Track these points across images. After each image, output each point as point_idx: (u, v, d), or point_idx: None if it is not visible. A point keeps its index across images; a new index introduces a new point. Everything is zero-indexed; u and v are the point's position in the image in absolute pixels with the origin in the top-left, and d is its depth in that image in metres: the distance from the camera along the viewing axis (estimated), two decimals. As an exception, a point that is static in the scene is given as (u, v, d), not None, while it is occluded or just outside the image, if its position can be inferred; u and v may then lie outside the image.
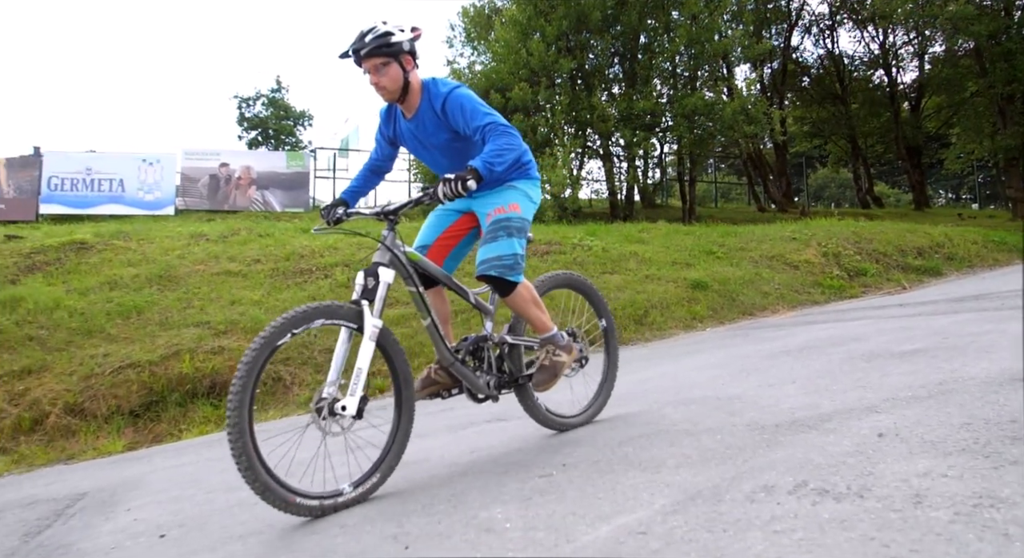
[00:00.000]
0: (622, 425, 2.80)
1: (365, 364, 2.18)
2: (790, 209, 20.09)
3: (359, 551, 1.70)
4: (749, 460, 1.98)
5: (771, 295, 8.99)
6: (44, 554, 2.27)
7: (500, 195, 2.69)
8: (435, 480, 2.38)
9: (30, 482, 4.38)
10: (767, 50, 17.71)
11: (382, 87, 2.48)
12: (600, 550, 1.44)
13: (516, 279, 2.60)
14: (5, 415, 6.34)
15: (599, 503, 1.78)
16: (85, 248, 10.41)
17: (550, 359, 2.72)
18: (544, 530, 1.63)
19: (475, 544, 1.60)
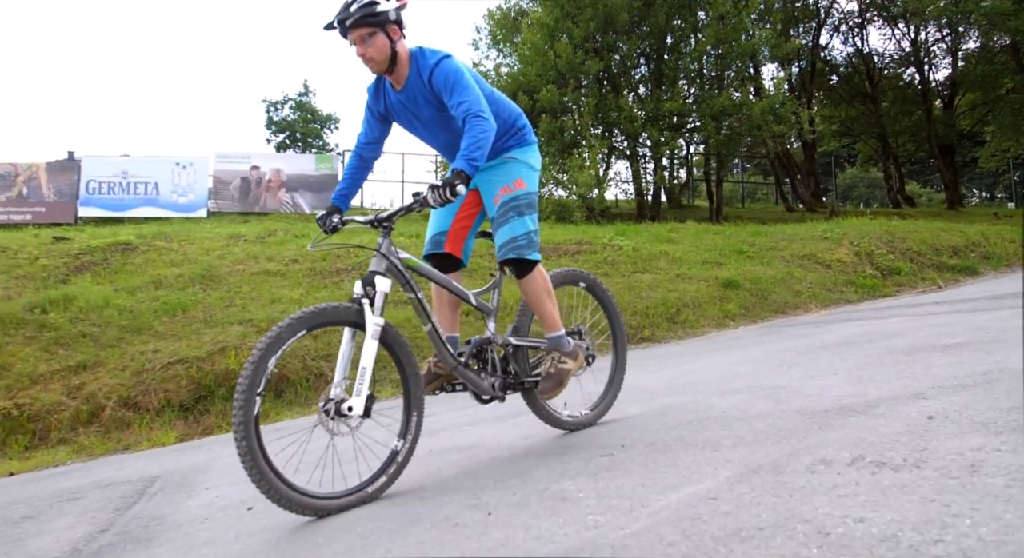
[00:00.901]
0: (671, 413, 2.91)
1: (369, 363, 2.18)
2: (819, 209, 19.92)
3: (444, 517, 1.84)
4: (803, 439, 2.08)
5: (803, 294, 9.00)
6: (141, 524, 2.45)
7: (502, 172, 2.67)
8: (497, 461, 2.52)
9: (98, 468, 4.61)
10: (795, 49, 17.62)
11: (369, 58, 2.43)
12: (674, 514, 1.56)
13: (534, 257, 2.61)
14: (64, 408, 6.63)
15: (665, 476, 1.90)
16: (129, 249, 10.77)
17: (556, 367, 2.69)
18: (617, 499, 1.75)
19: (554, 511, 1.73)
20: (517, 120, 2.72)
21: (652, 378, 4.27)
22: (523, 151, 2.72)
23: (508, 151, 2.69)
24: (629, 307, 8.27)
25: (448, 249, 2.73)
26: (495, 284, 2.81)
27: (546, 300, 2.68)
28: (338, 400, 2.15)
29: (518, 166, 2.68)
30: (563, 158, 14.58)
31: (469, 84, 2.40)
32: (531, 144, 2.77)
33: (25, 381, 6.98)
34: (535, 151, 2.79)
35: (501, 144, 2.66)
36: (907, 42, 23.41)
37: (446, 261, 2.74)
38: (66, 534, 2.50)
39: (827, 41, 23.54)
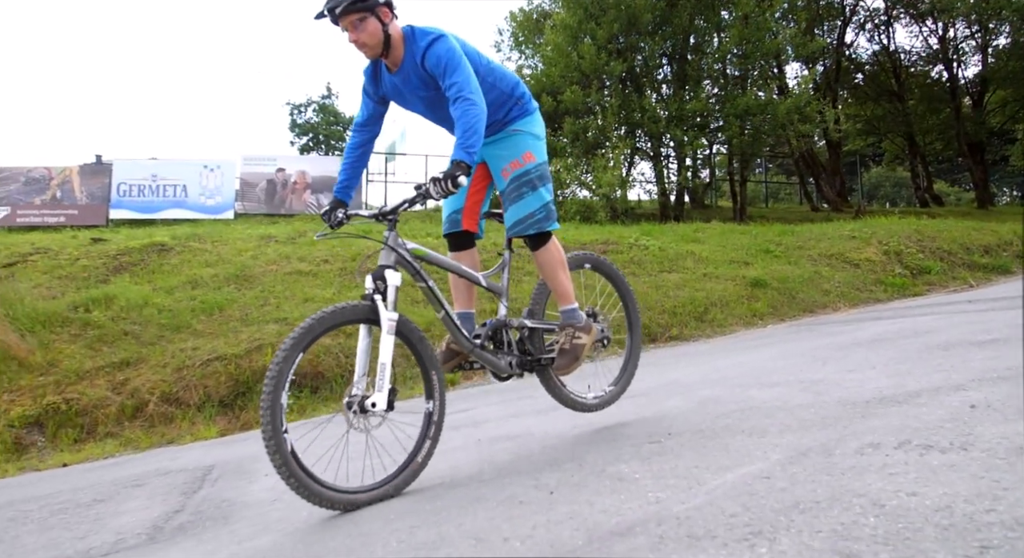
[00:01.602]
0: (711, 404, 2.99)
1: (388, 358, 2.20)
2: (844, 209, 19.77)
3: (508, 496, 1.95)
4: (848, 426, 2.17)
5: (832, 293, 9.00)
6: (212, 505, 2.60)
7: (508, 146, 2.66)
8: (548, 448, 2.62)
9: (150, 459, 4.79)
10: (820, 48, 17.51)
11: (362, 44, 2.41)
12: (731, 491, 1.66)
13: (553, 227, 2.64)
14: (110, 403, 6.86)
15: (716, 458, 2.00)
16: (165, 250, 11.04)
17: (570, 342, 2.70)
18: (673, 478, 1.85)
19: (614, 489, 1.84)
20: (515, 89, 2.69)
21: (687, 373, 4.35)
22: (526, 121, 2.71)
23: (512, 123, 2.68)
24: (657, 306, 8.33)
25: (465, 226, 2.75)
26: (503, 264, 2.82)
27: (560, 272, 2.70)
28: (361, 397, 2.18)
29: (524, 138, 2.67)
30: (587, 159, 14.66)
31: (461, 65, 2.38)
32: (532, 112, 2.76)
33: (72, 377, 7.23)
34: (537, 118, 2.77)
35: (503, 116, 2.65)
36: (935, 39, 23.12)
37: (464, 237, 2.78)
38: (142, 514, 2.65)
39: (852, 39, 23.35)
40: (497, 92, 2.61)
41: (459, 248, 2.79)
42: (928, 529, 1.25)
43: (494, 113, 2.61)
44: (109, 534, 2.38)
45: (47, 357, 7.58)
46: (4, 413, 6.71)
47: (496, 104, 2.61)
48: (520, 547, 1.50)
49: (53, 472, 5.49)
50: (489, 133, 2.62)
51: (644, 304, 8.43)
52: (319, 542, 1.84)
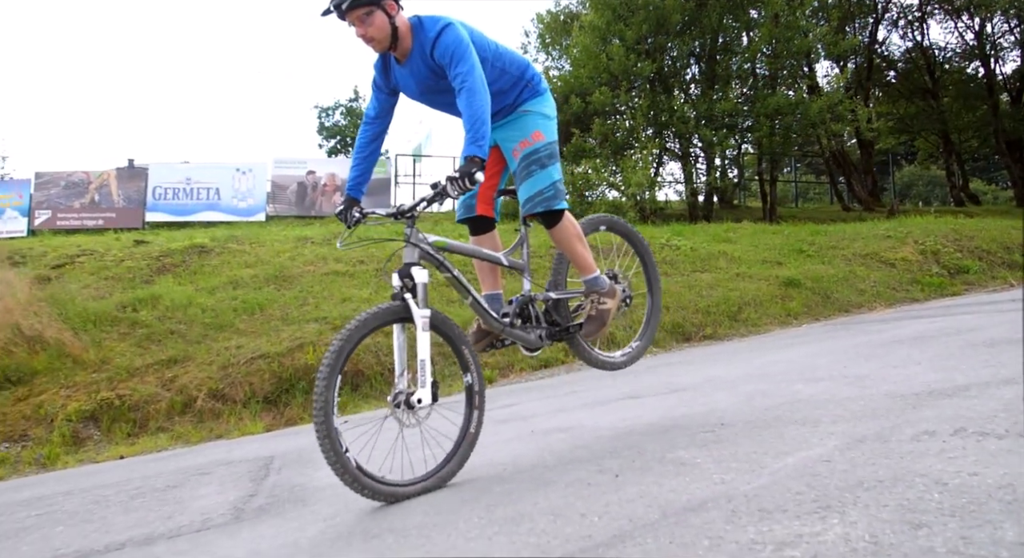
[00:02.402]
0: (759, 398, 3.07)
1: (426, 354, 2.25)
2: (877, 208, 19.52)
3: (575, 479, 2.06)
4: (900, 416, 2.24)
5: (867, 293, 8.95)
6: (285, 489, 2.75)
7: (518, 126, 2.68)
8: (602, 438, 2.73)
9: (206, 451, 4.99)
10: (853, 46, 17.34)
11: (370, 38, 2.41)
12: (794, 472, 1.75)
13: (561, 206, 2.65)
14: (160, 399, 7.11)
15: (774, 445, 2.08)
16: (205, 251, 11.35)
17: (596, 308, 2.75)
18: (735, 462, 1.95)
19: (677, 472, 1.93)
20: (525, 72, 2.70)
21: (728, 370, 4.42)
22: (536, 102, 2.71)
23: (522, 104, 2.69)
24: (690, 306, 8.38)
25: (480, 211, 2.79)
26: (521, 240, 2.84)
27: (578, 245, 2.73)
28: (406, 393, 2.23)
29: (533, 118, 2.68)
30: (616, 160, 14.71)
31: (467, 54, 2.37)
32: (542, 93, 2.75)
33: (123, 374, 7.51)
34: (548, 99, 2.77)
35: (514, 99, 2.67)
36: (971, 35, 22.71)
37: (481, 222, 2.82)
38: (218, 498, 2.81)
39: (884, 36, 23.04)
40: (507, 76, 2.63)
41: (478, 232, 2.83)
42: (992, 503, 1.33)
43: (505, 97, 2.64)
44: (194, 514, 2.54)
45: (99, 355, 7.88)
46: (62, 408, 7.00)
47: (506, 88, 2.63)
48: (598, 522, 1.60)
49: (111, 464, 5.73)
50: (500, 117, 2.66)
51: (677, 303, 8.48)
52: (400, 519, 1.97)
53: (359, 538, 1.83)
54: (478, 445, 2.47)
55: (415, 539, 1.71)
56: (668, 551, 1.34)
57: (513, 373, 7.16)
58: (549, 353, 7.26)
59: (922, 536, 1.22)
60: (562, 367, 7.11)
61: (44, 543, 2.50)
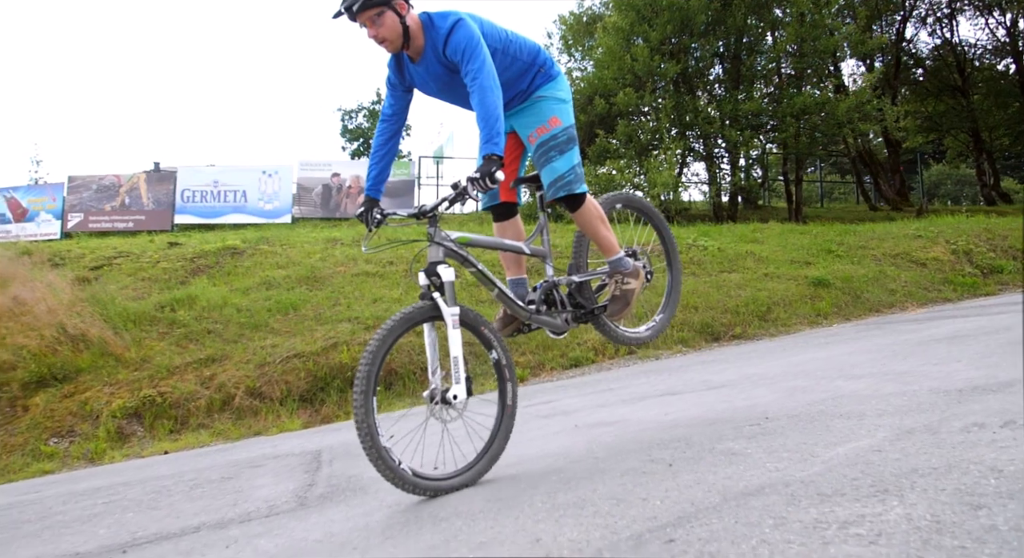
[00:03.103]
0: (799, 394, 3.12)
1: (458, 351, 2.28)
2: (904, 207, 19.29)
3: (628, 468, 2.14)
4: (947, 410, 2.28)
5: (898, 293, 8.89)
6: (342, 479, 2.86)
7: (534, 113, 2.69)
8: (648, 431, 2.80)
9: (249, 447, 5.13)
10: (881, 44, 17.16)
11: (382, 39, 2.43)
12: (847, 460, 1.81)
13: (582, 190, 2.69)
14: (200, 396, 7.31)
15: (822, 436, 2.14)
16: (238, 253, 11.59)
17: (620, 289, 2.79)
18: (786, 452, 2.01)
19: (730, 462, 2.01)
20: (537, 57, 2.69)
21: (765, 367, 4.46)
22: (550, 86, 2.71)
23: (536, 90, 2.69)
24: (719, 306, 8.40)
25: (504, 198, 2.83)
26: (540, 227, 2.87)
27: (601, 227, 2.77)
28: (442, 390, 2.28)
29: (549, 103, 2.69)
30: (640, 160, 14.73)
31: (478, 50, 2.37)
32: (556, 76, 2.75)
33: (164, 372, 7.72)
34: (561, 81, 2.78)
35: (528, 85, 2.68)
36: (1003, 31, 22.34)
37: (504, 208, 2.85)
38: (277, 488, 2.93)
39: (912, 34, 22.75)
40: (520, 63, 2.63)
41: (502, 219, 2.87)
42: (1049, 488, 1.39)
43: (518, 83, 2.65)
44: (259, 502, 2.66)
45: (140, 353, 8.11)
46: (106, 405, 7.23)
47: (519, 75, 2.64)
48: (660, 505, 1.68)
49: (158, 458, 5.91)
50: (516, 103, 2.68)
51: (706, 303, 8.50)
52: (464, 504, 2.06)
53: (428, 522, 1.93)
54: (527, 438, 2.56)
55: (483, 522, 1.80)
56: (735, 530, 1.41)
57: (544, 372, 7.24)
58: (580, 352, 7.34)
59: (983, 515, 1.28)
60: (592, 366, 7.18)
61: (120, 527, 2.64)
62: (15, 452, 6.88)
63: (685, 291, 8.77)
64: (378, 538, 1.85)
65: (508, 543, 1.58)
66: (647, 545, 1.41)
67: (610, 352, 7.46)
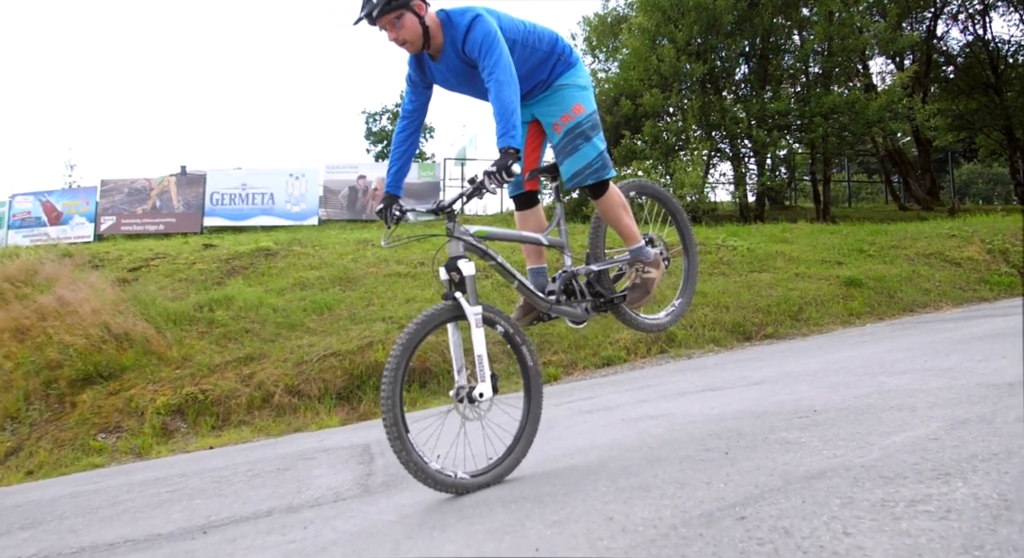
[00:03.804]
0: (844, 388, 3.16)
1: (482, 349, 2.30)
2: (935, 207, 19.02)
3: (684, 456, 2.22)
4: (999, 402, 2.32)
5: (932, 292, 8.82)
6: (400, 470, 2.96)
7: (557, 101, 2.69)
8: (696, 424, 2.86)
9: (294, 442, 5.27)
10: (913, 42, 16.95)
11: (403, 41, 2.45)
12: (903, 448, 1.87)
13: (610, 175, 2.71)
14: (240, 394, 7.50)
15: (875, 427, 2.20)
16: (271, 254, 11.82)
17: (641, 277, 2.80)
18: (842, 441, 2.08)
19: (786, 449, 2.07)
20: (556, 45, 2.70)
21: (804, 365, 4.49)
22: (570, 74, 2.71)
23: (557, 78, 2.69)
24: (750, 305, 8.40)
25: (528, 187, 2.87)
26: (557, 218, 2.88)
27: (623, 214, 2.78)
28: (468, 388, 2.30)
29: (571, 91, 2.69)
30: (666, 161, 14.74)
31: (495, 46, 2.38)
32: (575, 64, 2.75)
33: (205, 370, 7.94)
34: (581, 69, 2.78)
35: (548, 74, 2.68)
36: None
37: (528, 197, 2.89)
38: (337, 477, 3.05)
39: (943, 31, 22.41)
40: (539, 53, 2.64)
41: (524, 207, 2.91)
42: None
43: (538, 73, 2.66)
44: (323, 489, 2.78)
45: (181, 352, 8.34)
46: (151, 402, 7.46)
47: (539, 65, 2.65)
48: (724, 488, 1.76)
49: (203, 453, 6.10)
50: (537, 92, 2.68)
51: (736, 303, 8.51)
52: (531, 487, 2.15)
53: (498, 504, 2.02)
54: (575, 431, 2.64)
55: (552, 504, 1.89)
56: (803, 508, 1.49)
57: (576, 371, 7.31)
58: (612, 351, 7.40)
59: (1049, 494, 1.34)
60: (624, 364, 7.24)
61: (192, 512, 2.77)
62: (65, 447, 7.13)
63: (716, 291, 8.79)
64: (453, 518, 1.95)
65: (582, 521, 1.66)
66: (719, 522, 1.49)
67: (642, 351, 7.52)
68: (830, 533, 1.31)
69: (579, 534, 1.57)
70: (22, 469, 6.85)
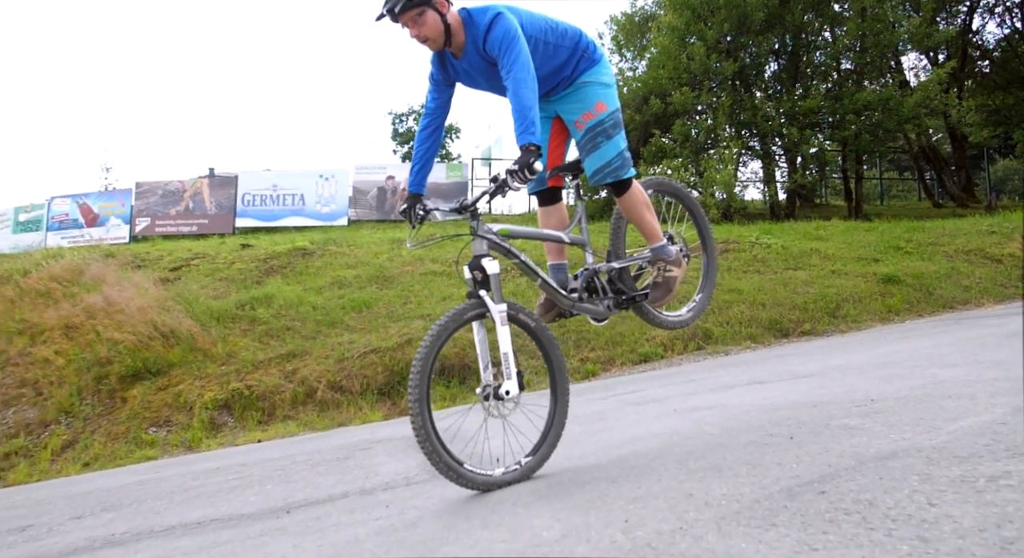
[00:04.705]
0: (897, 380, 3.20)
1: (508, 347, 2.32)
2: (971, 204, 18.68)
3: (749, 441, 2.29)
4: (1060, 391, 2.36)
5: (972, 289, 8.72)
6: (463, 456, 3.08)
7: (580, 98, 2.69)
8: (749, 413, 2.92)
9: (342, 435, 5.42)
10: (948, 37, 16.69)
11: (425, 38, 2.46)
12: (971, 432, 1.93)
13: (630, 174, 2.71)
14: (284, 389, 7.70)
15: (938, 414, 2.25)
16: (308, 254, 12.06)
17: (663, 275, 2.80)
18: (907, 425, 2.13)
19: (851, 434, 2.13)
20: (579, 42, 2.69)
21: (848, 359, 4.51)
22: (593, 71, 2.71)
23: (580, 75, 2.69)
24: (787, 302, 8.39)
25: (551, 184, 2.87)
26: (578, 216, 2.88)
27: (645, 212, 2.78)
28: (494, 386, 2.32)
29: (594, 88, 2.69)
30: (697, 160, 14.70)
31: (515, 44, 2.39)
32: (599, 60, 2.74)
33: (249, 367, 8.15)
34: (604, 66, 2.77)
35: (571, 71, 2.67)
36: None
37: (551, 193, 2.90)
38: (401, 464, 3.17)
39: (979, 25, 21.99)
40: (562, 49, 2.63)
41: (547, 203, 2.91)
42: None
43: (562, 70, 2.66)
44: (391, 474, 2.90)
45: (225, 349, 8.57)
46: (199, 397, 7.68)
47: (562, 62, 2.65)
48: (797, 467, 1.83)
49: (252, 446, 6.28)
50: (560, 89, 2.69)
51: (773, 300, 8.50)
52: (600, 471, 2.24)
53: (572, 485, 2.11)
54: (629, 422, 2.71)
55: (627, 484, 1.98)
56: (882, 484, 1.56)
57: (614, 367, 7.38)
58: (649, 348, 7.45)
59: None
60: (662, 361, 7.28)
61: (266, 495, 2.91)
62: (119, 440, 7.38)
63: (751, 288, 8.79)
64: (530, 498, 2.04)
65: (662, 497, 1.75)
66: (800, 496, 1.57)
67: (679, 348, 7.55)
68: (915, 504, 1.38)
69: (663, 508, 1.66)
70: (79, 461, 7.11)
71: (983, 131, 24.56)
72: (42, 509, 3.74)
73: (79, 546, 2.59)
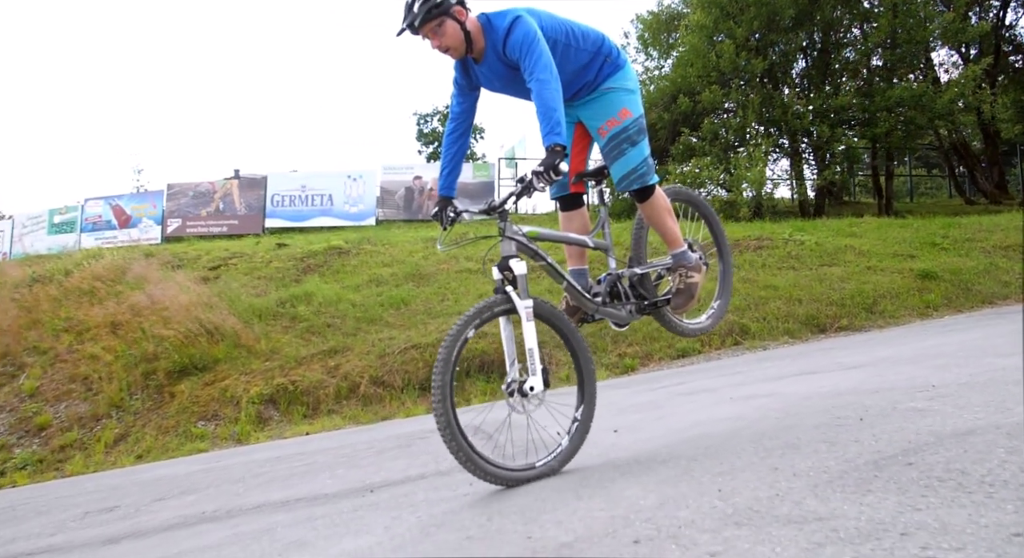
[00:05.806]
0: (955, 368, 3.24)
1: (534, 343, 2.34)
2: (1004, 200, 18.38)
3: (818, 422, 2.36)
4: None
5: (1012, 284, 8.65)
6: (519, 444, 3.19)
7: (604, 105, 2.69)
8: (811, 400, 2.99)
9: (386, 429, 5.56)
10: (982, 32, 16.45)
11: (446, 48, 2.49)
12: None
13: (654, 181, 2.73)
14: (327, 384, 7.88)
15: (1009, 397, 2.30)
16: (343, 252, 12.26)
17: (684, 282, 2.81)
18: (977, 407, 2.20)
19: (922, 416, 2.20)
20: (602, 46, 2.69)
21: (895, 351, 4.55)
22: (617, 77, 2.70)
23: (604, 81, 2.68)
24: (823, 298, 8.39)
25: (573, 189, 2.89)
26: (601, 222, 2.90)
27: (667, 219, 2.80)
28: (519, 382, 2.34)
29: (618, 95, 2.69)
30: (726, 158, 14.68)
31: (535, 46, 2.40)
32: (623, 66, 2.74)
33: (292, 362, 8.36)
34: (628, 71, 2.76)
35: (594, 76, 2.67)
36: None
37: (572, 198, 2.92)
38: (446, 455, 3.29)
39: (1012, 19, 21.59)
40: (584, 53, 2.63)
41: (569, 208, 2.93)
42: None
43: (585, 74, 2.65)
44: (443, 463, 3.01)
45: (269, 345, 8.79)
46: (245, 391, 7.90)
47: (585, 66, 2.65)
48: (875, 444, 1.91)
49: (301, 438, 6.45)
50: (583, 94, 2.69)
51: (809, 296, 8.50)
52: (675, 449, 2.34)
53: (653, 461, 2.21)
54: (684, 410, 2.78)
55: (707, 461, 2.07)
56: (968, 456, 1.63)
57: (652, 362, 7.45)
58: (687, 343, 7.50)
59: None
60: (700, 356, 7.34)
61: (338, 479, 3.04)
62: (169, 433, 7.62)
63: (787, 284, 8.80)
64: (614, 473, 2.15)
65: (748, 471, 1.84)
66: (888, 467, 1.66)
67: (716, 343, 7.60)
68: (1008, 472, 1.46)
69: (752, 479, 1.75)
70: (132, 453, 7.35)
71: (1016, 127, 24.13)
72: (120, 493, 3.93)
73: (173, 523, 2.74)
